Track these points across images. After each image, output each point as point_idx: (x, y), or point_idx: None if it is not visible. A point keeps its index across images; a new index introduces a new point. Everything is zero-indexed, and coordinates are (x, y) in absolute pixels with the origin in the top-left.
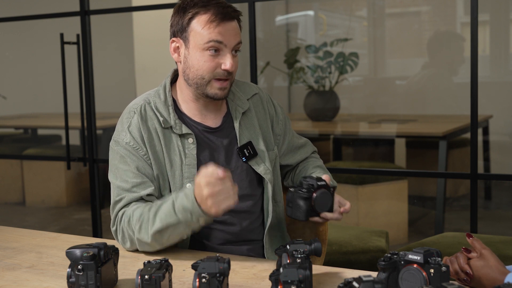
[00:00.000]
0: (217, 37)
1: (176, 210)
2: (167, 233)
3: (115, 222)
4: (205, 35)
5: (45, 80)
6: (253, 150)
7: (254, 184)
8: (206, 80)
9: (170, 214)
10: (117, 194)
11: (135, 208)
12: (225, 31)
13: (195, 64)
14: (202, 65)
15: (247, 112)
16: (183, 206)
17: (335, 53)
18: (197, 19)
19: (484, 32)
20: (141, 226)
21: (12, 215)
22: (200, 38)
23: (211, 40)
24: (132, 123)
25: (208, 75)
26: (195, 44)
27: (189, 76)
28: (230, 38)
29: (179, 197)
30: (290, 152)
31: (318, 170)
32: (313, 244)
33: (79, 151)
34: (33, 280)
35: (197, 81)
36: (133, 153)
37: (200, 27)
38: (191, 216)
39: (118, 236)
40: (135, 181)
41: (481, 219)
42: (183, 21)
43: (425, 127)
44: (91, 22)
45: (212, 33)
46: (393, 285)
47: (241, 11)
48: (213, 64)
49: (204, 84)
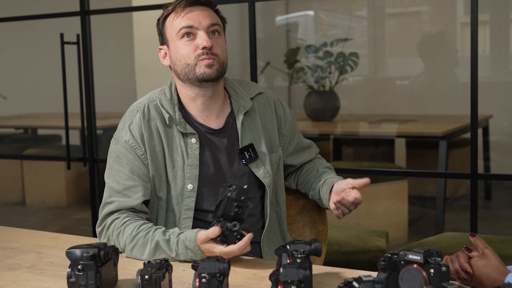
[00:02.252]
0: (186, 23)
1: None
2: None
3: (101, 225)
4: (176, 26)
5: (45, 80)
6: (254, 153)
7: (255, 187)
8: (192, 64)
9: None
10: (108, 195)
11: (127, 223)
12: (193, 15)
13: (178, 56)
14: (183, 53)
15: (251, 112)
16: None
17: (335, 53)
18: (168, 18)
19: (484, 32)
20: (134, 248)
21: (12, 215)
22: (173, 31)
23: (181, 27)
24: (134, 121)
25: (191, 59)
26: (171, 38)
27: (178, 70)
28: (200, 20)
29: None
30: (296, 152)
31: (328, 171)
32: (313, 244)
33: (79, 151)
34: (33, 280)
35: (185, 71)
36: (130, 152)
37: (171, 21)
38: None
39: (101, 238)
40: (127, 184)
41: (481, 219)
42: (159, 27)
43: (425, 127)
44: (91, 22)
45: (182, 22)
46: (393, 285)
47: (239, 11)
48: (192, 47)
49: (192, 69)
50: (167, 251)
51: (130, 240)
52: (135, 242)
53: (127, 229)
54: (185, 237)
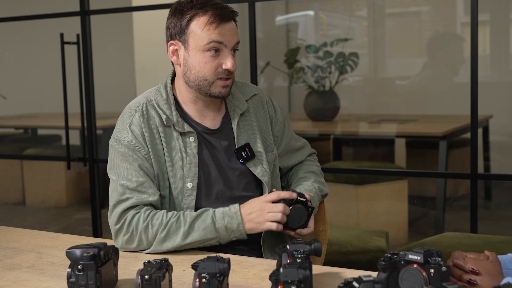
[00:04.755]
0: (217, 37)
1: (218, 228)
2: (197, 244)
3: (120, 222)
4: (205, 36)
5: (45, 80)
6: (251, 152)
7: (253, 186)
8: (210, 81)
9: (209, 231)
10: (121, 193)
11: (152, 214)
12: (225, 31)
13: (196, 66)
14: (204, 66)
15: (246, 113)
16: (225, 226)
17: (335, 53)
18: (196, 21)
19: (484, 32)
20: (168, 235)
21: (12, 215)
22: (200, 39)
23: (211, 41)
24: (134, 121)
25: (211, 76)
26: (195, 45)
27: (190, 78)
28: (230, 38)
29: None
30: (287, 154)
31: (309, 175)
32: (313, 244)
33: (79, 151)
34: (33, 280)
35: (199, 83)
36: (135, 152)
37: (199, 29)
38: (231, 234)
39: (122, 235)
40: (140, 180)
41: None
42: (181, 23)
43: (425, 127)
44: (91, 22)
45: (212, 34)
46: (393, 285)
47: (239, 11)
48: (214, 64)
49: (208, 85)
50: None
51: (163, 228)
52: (168, 228)
53: (156, 218)
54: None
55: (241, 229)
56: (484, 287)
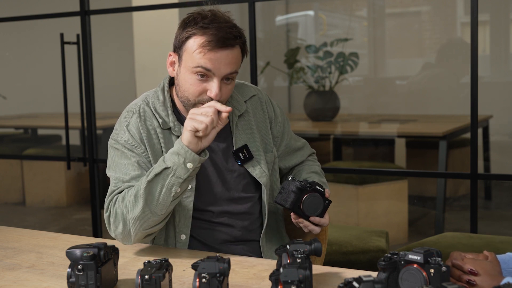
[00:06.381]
0: (205, 64)
1: (165, 159)
2: (158, 187)
3: (108, 207)
4: (195, 59)
5: (45, 80)
6: (249, 154)
7: (251, 187)
8: (192, 102)
9: (159, 164)
10: (115, 184)
11: (130, 188)
12: (216, 59)
13: (183, 85)
14: (189, 88)
15: (245, 114)
16: (170, 152)
17: (335, 53)
18: (192, 40)
19: (484, 32)
20: (135, 195)
21: (12, 215)
22: (190, 60)
23: (199, 65)
24: (131, 122)
25: (193, 98)
26: (186, 64)
27: (179, 93)
28: (220, 67)
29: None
30: (287, 154)
31: (313, 176)
32: (313, 244)
33: (79, 151)
34: (33, 280)
35: (184, 100)
36: (132, 150)
37: (192, 49)
38: (178, 158)
39: (110, 220)
40: (135, 173)
41: (481, 219)
42: (180, 38)
43: (425, 127)
44: (91, 22)
45: (202, 59)
46: (393, 285)
47: (239, 11)
48: (199, 89)
49: (190, 105)
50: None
51: (133, 191)
52: (136, 188)
53: (129, 190)
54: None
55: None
56: (484, 287)
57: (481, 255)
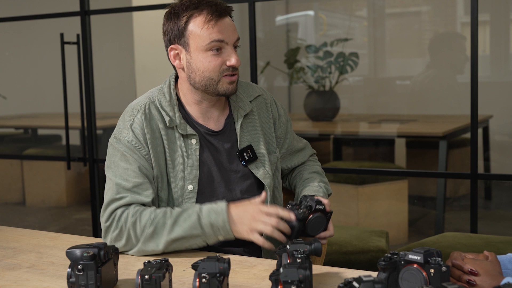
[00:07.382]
0: (218, 36)
1: (203, 224)
2: (183, 243)
3: (109, 218)
4: (205, 36)
5: (45, 80)
6: (253, 154)
7: (254, 188)
8: (215, 79)
9: (194, 226)
10: (116, 191)
11: (141, 211)
12: (223, 28)
13: (200, 67)
14: (208, 66)
15: (250, 114)
16: (211, 222)
17: (335, 53)
18: (193, 22)
19: (484, 32)
20: (155, 231)
21: (12, 215)
22: (201, 40)
23: (212, 40)
24: (135, 121)
25: (216, 74)
26: (197, 46)
27: (196, 79)
28: (230, 34)
29: (206, 212)
30: (289, 155)
31: (314, 176)
32: (313, 244)
33: (79, 151)
34: (33, 280)
35: (205, 83)
36: (135, 152)
37: (198, 29)
38: (217, 232)
39: (111, 232)
40: (137, 181)
41: (481, 219)
42: (178, 27)
43: (425, 127)
44: (91, 22)
45: (213, 33)
46: (393, 285)
47: (239, 11)
48: (218, 62)
49: (214, 84)
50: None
51: (150, 223)
52: (155, 224)
53: (144, 214)
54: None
55: (227, 227)
56: (484, 287)
57: (481, 255)
